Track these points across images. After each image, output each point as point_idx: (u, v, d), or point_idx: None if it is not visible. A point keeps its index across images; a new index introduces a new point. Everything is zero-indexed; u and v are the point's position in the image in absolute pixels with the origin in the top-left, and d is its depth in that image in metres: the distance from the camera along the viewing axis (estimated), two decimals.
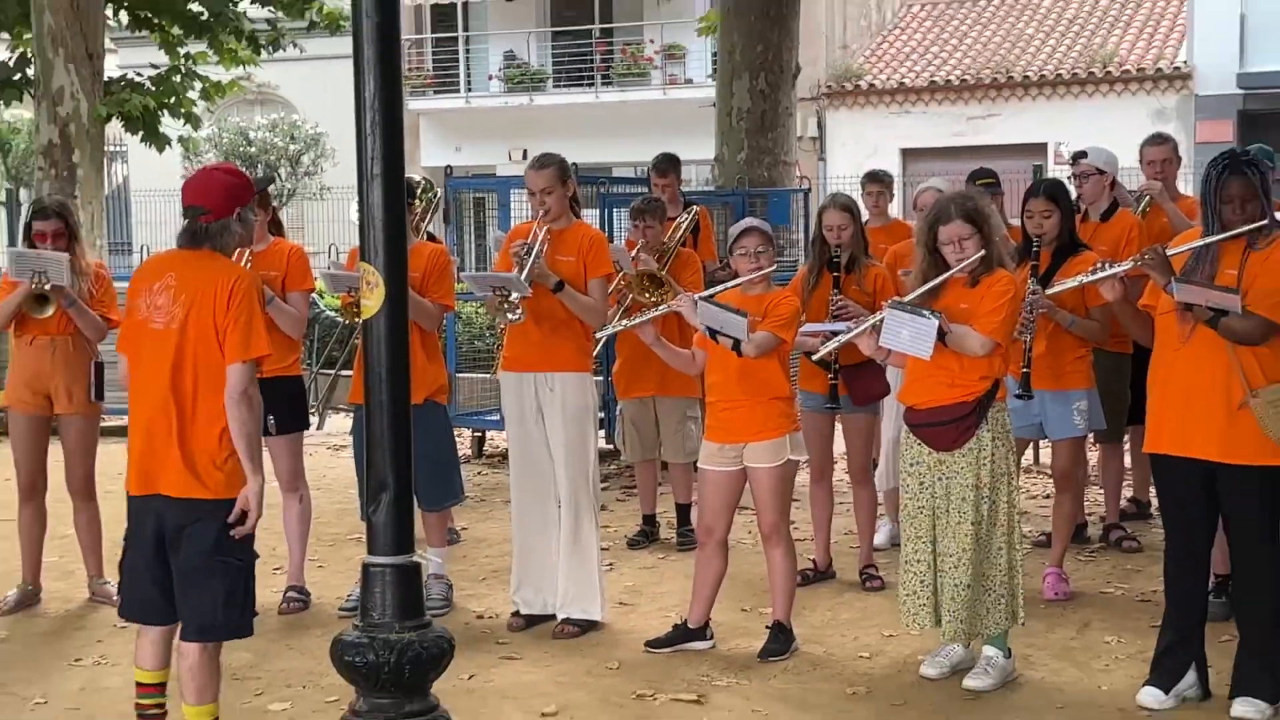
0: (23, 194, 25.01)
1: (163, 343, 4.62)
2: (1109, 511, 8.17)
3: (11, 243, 12.84)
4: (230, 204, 4.72)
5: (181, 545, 4.62)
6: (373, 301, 3.23)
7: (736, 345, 5.99)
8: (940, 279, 5.74)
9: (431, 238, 7.50)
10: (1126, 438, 8.00)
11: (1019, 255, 6.62)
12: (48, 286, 6.82)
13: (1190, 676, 5.56)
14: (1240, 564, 5.48)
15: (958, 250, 5.71)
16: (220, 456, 4.64)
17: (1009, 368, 6.07)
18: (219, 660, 4.82)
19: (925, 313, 5.58)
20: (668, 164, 9.27)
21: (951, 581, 5.72)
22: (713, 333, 6.09)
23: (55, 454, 7.19)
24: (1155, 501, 6.50)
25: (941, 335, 5.56)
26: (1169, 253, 5.56)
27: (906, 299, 5.74)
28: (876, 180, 9.12)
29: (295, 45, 17.57)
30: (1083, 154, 8.10)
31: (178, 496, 4.61)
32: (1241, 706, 5.37)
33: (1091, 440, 7.71)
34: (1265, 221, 5.38)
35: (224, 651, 4.88)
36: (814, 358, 6.79)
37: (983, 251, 5.70)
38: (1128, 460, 8.28)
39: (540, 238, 6.54)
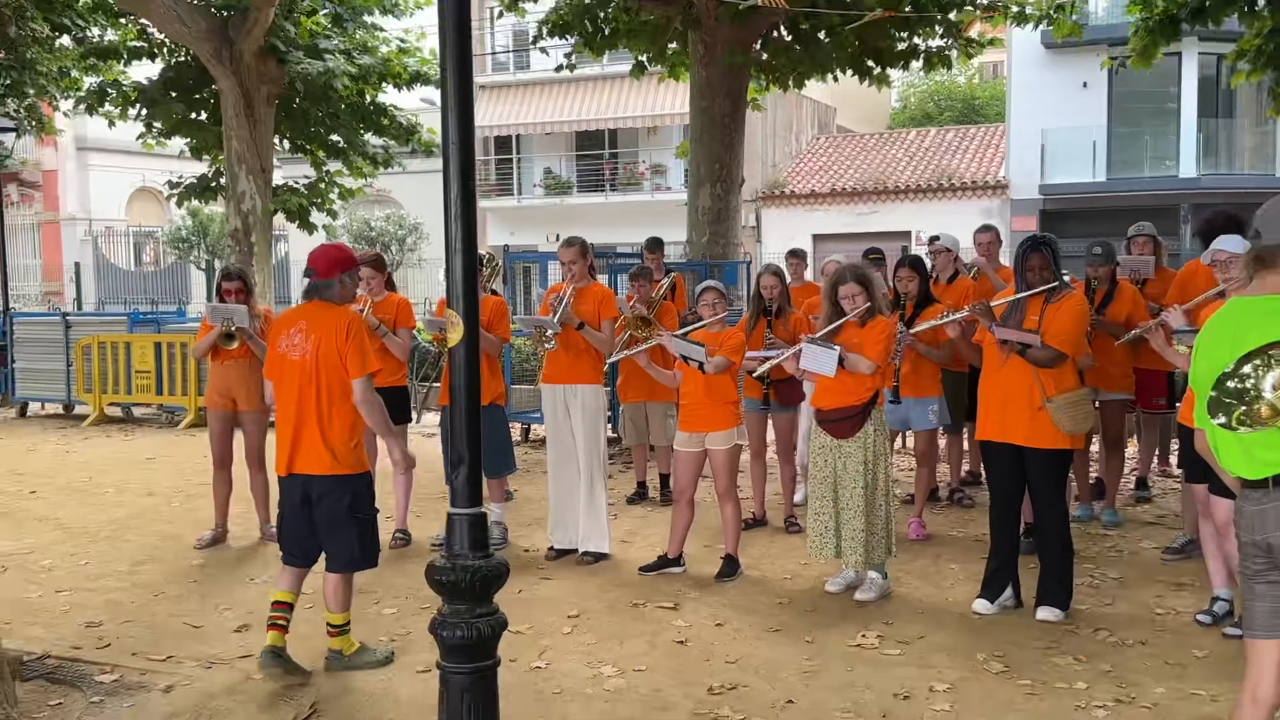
0: (217, 264, 24.99)
1: (301, 368, 4.66)
2: (953, 479, 8.18)
3: (209, 299, 12.87)
4: (332, 269, 4.77)
5: (326, 506, 4.66)
6: (455, 335, 3.23)
7: (700, 366, 6.03)
8: (840, 322, 5.76)
9: (495, 293, 7.51)
10: (965, 429, 8.01)
11: (892, 306, 6.65)
12: (234, 328, 6.86)
13: (1008, 591, 5.58)
14: (1039, 515, 5.49)
15: (851, 303, 5.74)
16: (350, 444, 4.70)
17: (886, 382, 6.08)
18: (352, 583, 4.92)
19: (830, 345, 5.61)
20: (656, 244, 9.28)
21: (850, 528, 5.72)
22: (684, 358, 6.14)
23: (237, 439, 7.20)
24: (984, 472, 6.49)
25: (841, 361, 5.58)
26: (992, 304, 5.59)
27: (817, 335, 5.76)
28: (796, 255, 9.17)
29: (400, 164, 17.64)
30: (936, 238, 8.12)
31: (322, 474, 4.65)
32: (1044, 612, 5.39)
33: (941, 431, 7.73)
34: (1056, 284, 5.42)
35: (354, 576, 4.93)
36: (755, 374, 6.81)
37: (869, 304, 5.73)
38: (966, 444, 8.29)
39: (568, 293, 6.56)
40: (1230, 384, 2.93)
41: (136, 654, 5.13)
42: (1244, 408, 2.92)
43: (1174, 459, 8.13)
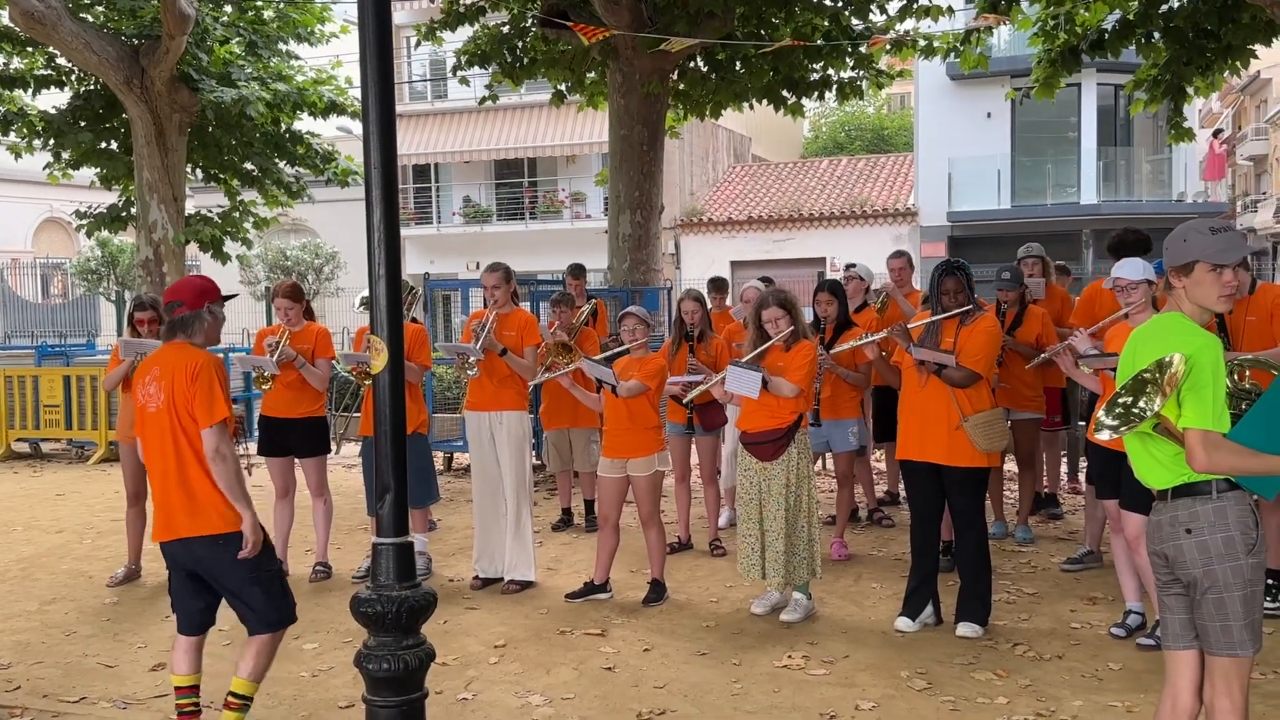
0: (127, 295, 24.37)
1: (158, 421, 4.12)
2: (869, 500, 8.26)
3: (119, 332, 12.53)
4: (200, 299, 4.21)
5: (216, 568, 4.12)
6: (380, 361, 3.17)
7: (614, 389, 6.02)
8: (765, 346, 5.78)
9: (415, 321, 7.42)
10: (882, 450, 8.09)
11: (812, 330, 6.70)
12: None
13: (929, 609, 5.63)
14: (959, 532, 5.56)
15: (775, 327, 5.77)
16: (222, 500, 4.09)
17: (808, 405, 6.12)
18: (275, 649, 4.27)
19: (755, 368, 5.63)
20: (579, 270, 9.29)
21: (773, 549, 5.73)
22: (599, 381, 6.14)
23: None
24: (904, 491, 6.56)
25: (765, 384, 5.61)
26: (909, 327, 5.67)
27: (743, 360, 5.78)
28: (718, 288, 9.08)
29: (309, 197, 17.43)
30: (852, 265, 8.23)
31: (202, 534, 4.07)
32: (964, 628, 5.45)
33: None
34: (970, 307, 5.52)
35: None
36: (684, 400, 6.85)
37: (793, 328, 5.77)
38: (884, 464, 8.38)
39: (491, 319, 6.50)
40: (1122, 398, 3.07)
41: (48, 695, 4.93)
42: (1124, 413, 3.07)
43: (1082, 476, 8.32)
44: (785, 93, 12.61)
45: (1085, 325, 6.00)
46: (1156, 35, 10.52)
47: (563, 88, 13.37)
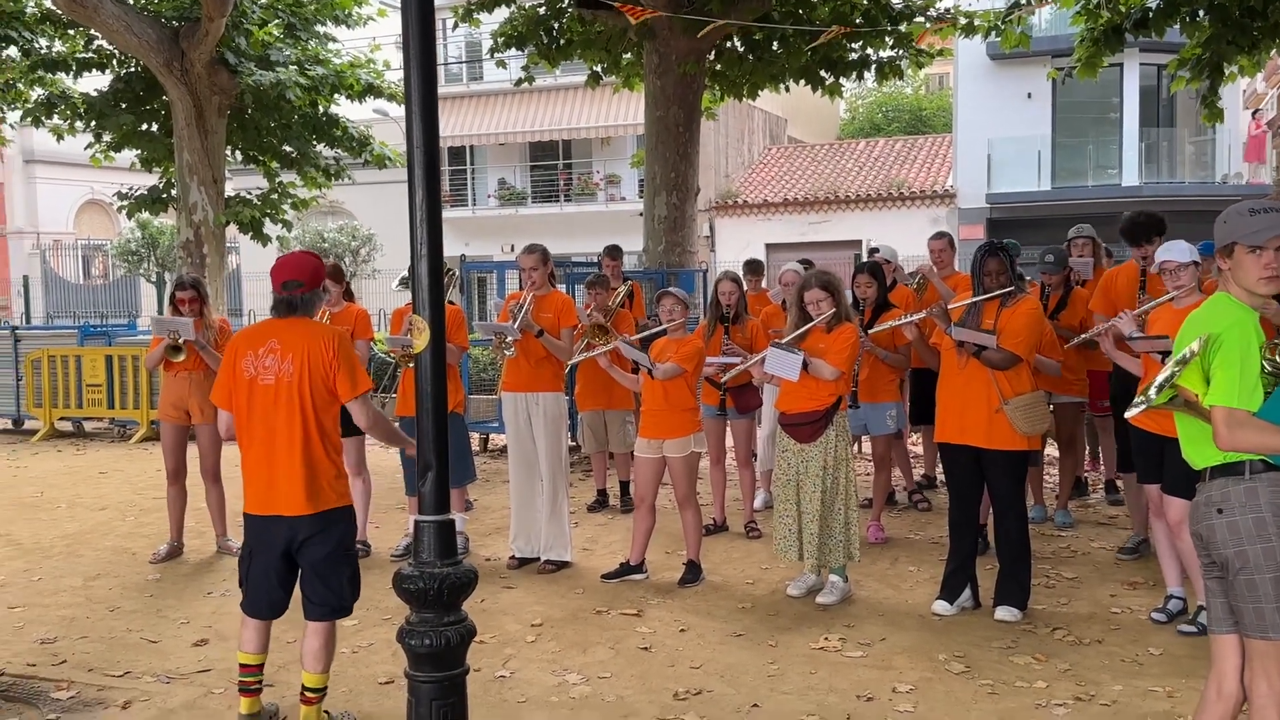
0: (168, 276, 24.65)
1: (276, 395, 4.07)
2: (907, 483, 8.23)
3: (160, 312, 12.73)
4: (318, 279, 4.24)
5: (315, 548, 4.09)
6: (421, 341, 3.18)
7: (650, 371, 6.03)
8: (807, 327, 5.77)
9: (452, 303, 7.45)
10: (919, 433, 8.05)
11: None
12: (180, 340, 6.77)
13: (966, 592, 5.61)
14: (998, 515, 5.52)
15: (817, 308, 5.75)
16: (337, 476, 4.15)
17: (848, 388, 6.09)
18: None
19: (795, 351, 5.61)
20: (615, 251, 9.29)
21: (808, 531, 5.73)
22: (635, 363, 6.16)
23: (191, 451, 7.07)
24: (941, 475, 6.52)
25: (805, 366, 5.59)
26: (950, 308, 5.63)
27: (784, 340, 5.76)
28: (754, 271, 9.05)
29: (349, 178, 17.55)
30: (876, 249, 8.21)
31: (309, 514, 4.05)
32: (1002, 612, 5.42)
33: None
34: (1012, 289, 5.47)
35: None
36: (721, 381, 6.86)
37: (834, 309, 5.74)
38: (921, 448, 8.33)
39: (528, 300, 6.52)
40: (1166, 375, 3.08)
41: (93, 670, 5.01)
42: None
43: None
44: (823, 73, 12.51)
45: (1102, 310, 5.92)
46: (1201, 14, 10.33)
47: (599, 69, 13.33)
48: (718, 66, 12.66)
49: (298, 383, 4.05)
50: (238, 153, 16.20)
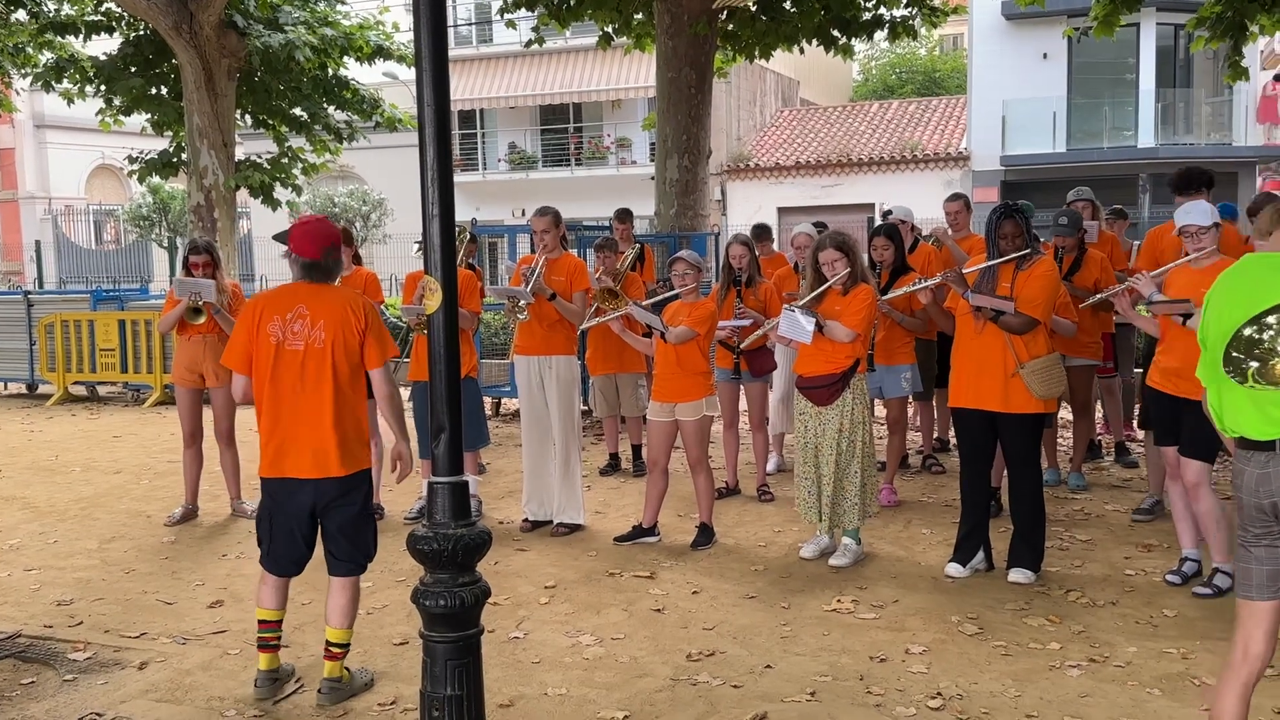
0: (179, 241, 24.68)
1: (304, 359, 4.10)
2: (925, 446, 8.21)
3: (172, 277, 12.79)
4: (329, 249, 4.24)
5: (341, 510, 4.16)
6: (434, 301, 3.16)
7: (662, 335, 6.01)
8: (823, 288, 5.73)
9: (472, 268, 7.41)
10: (934, 397, 8.04)
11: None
12: (201, 302, 6.75)
13: (980, 555, 5.60)
14: (1013, 478, 5.51)
15: (831, 269, 5.71)
16: (362, 439, 4.22)
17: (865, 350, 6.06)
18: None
19: (809, 314, 5.59)
20: (625, 215, 9.23)
21: (824, 492, 5.73)
22: (648, 326, 6.14)
23: (206, 414, 7.09)
24: (955, 438, 6.51)
25: (820, 328, 5.56)
26: (964, 272, 5.58)
27: (800, 302, 5.73)
28: (763, 235, 9.02)
29: (366, 138, 17.46)
30: (889, 211, 8.15)
31: (335, 476, 4.09)
32: (1015, 574, 5.42)
33: (911, 399, 7.74)
34: (1028, 251, 5.42)
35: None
36: (740, 347, 6.86)
37: (849, 269, 5.70)
38: (935, 411, 8.31)
39: (540, 263, 6.49)
40: (1247, 339, 2.88)
41: (109, 631, 5.05)
42: (1259, 364, 2.88)
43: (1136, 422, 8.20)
44: (835, 33, 12.38)
45: (1149, 269, 5.86)
46: None
47: (610, 30, 13.21)
48: (730, 27, 12.53)
49: (330, 350, 4.10)
50: (247, 116, 16.16)
